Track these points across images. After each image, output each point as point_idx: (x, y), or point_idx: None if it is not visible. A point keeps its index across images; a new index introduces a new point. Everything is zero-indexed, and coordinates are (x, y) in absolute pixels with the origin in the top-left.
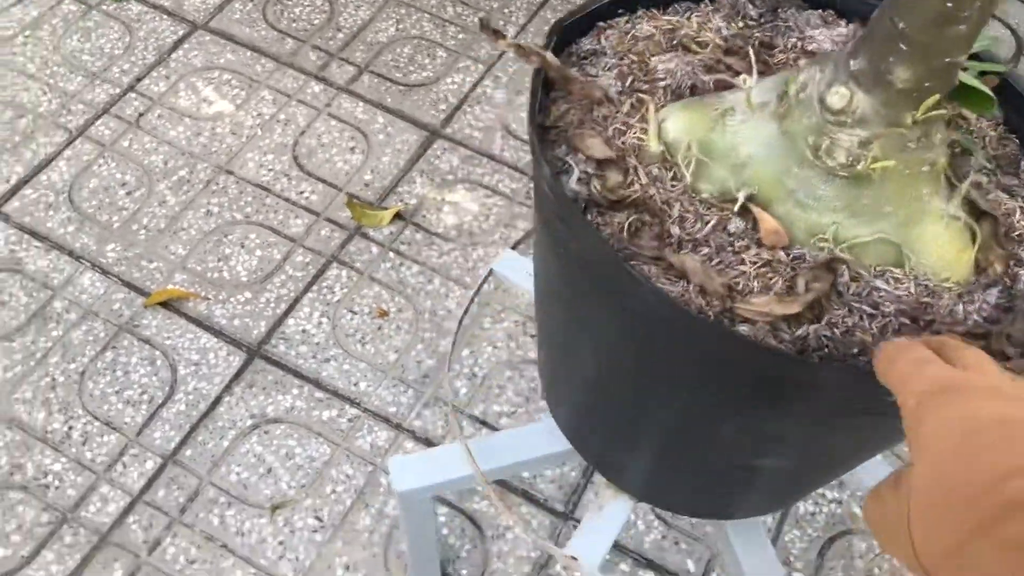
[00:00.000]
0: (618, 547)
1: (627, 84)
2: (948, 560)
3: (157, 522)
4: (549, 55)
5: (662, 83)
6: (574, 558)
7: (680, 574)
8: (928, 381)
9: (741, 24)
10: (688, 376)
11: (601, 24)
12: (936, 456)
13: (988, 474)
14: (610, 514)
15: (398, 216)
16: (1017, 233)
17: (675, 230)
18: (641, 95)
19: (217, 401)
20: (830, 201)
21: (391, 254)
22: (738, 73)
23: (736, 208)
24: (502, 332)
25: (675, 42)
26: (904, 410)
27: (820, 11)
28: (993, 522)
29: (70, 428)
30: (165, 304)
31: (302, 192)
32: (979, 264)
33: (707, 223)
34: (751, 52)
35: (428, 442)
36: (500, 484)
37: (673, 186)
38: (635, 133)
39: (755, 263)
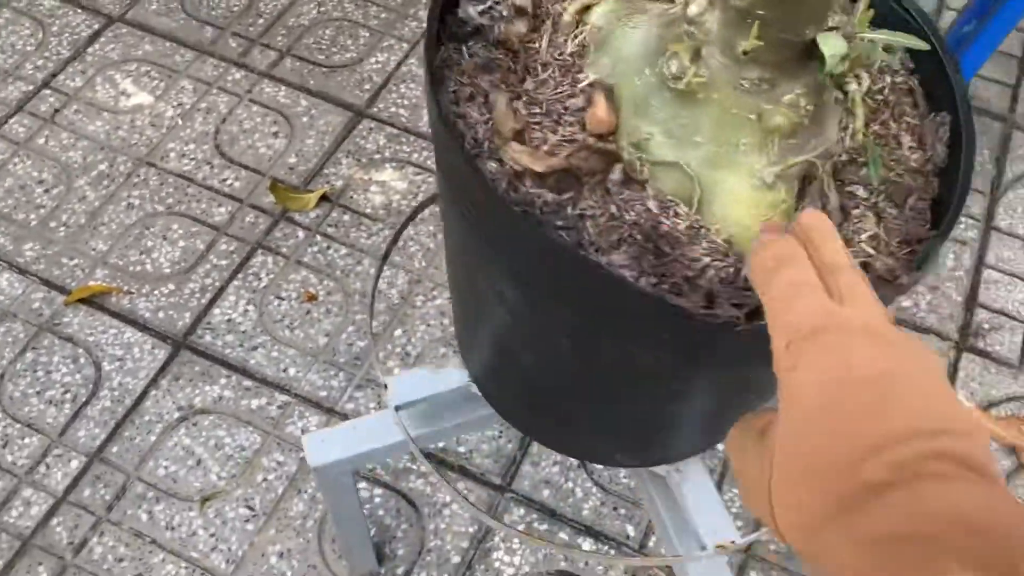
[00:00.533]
0: (556, 516)
1: None
2: (807, 543)
3: (83, 522)
4: None
5: None
6: (385, 385)
7: (619, 539)
8: (804, 316)
9: None
10: (481, 260)
11: None
12: (801, 416)
13: (848, 449)
14: (442, 376)
15: (324, 198)
16: (850, 251)
17: (528, 86)
18: None
19: (143, 395)
20: (655, 112)
21: (318, 237)
22: None
23: (581, 87)
24: (435, 309)
25: None
26: (775, 348)
27: None
28: (848, 510)
29: None
30: (87, 301)
31: (225, 180)
32: None
33: (555, 90)
34: None
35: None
36: (434, 460)
37: (559, 55)
38: (566, 4)
39: (564, 136)
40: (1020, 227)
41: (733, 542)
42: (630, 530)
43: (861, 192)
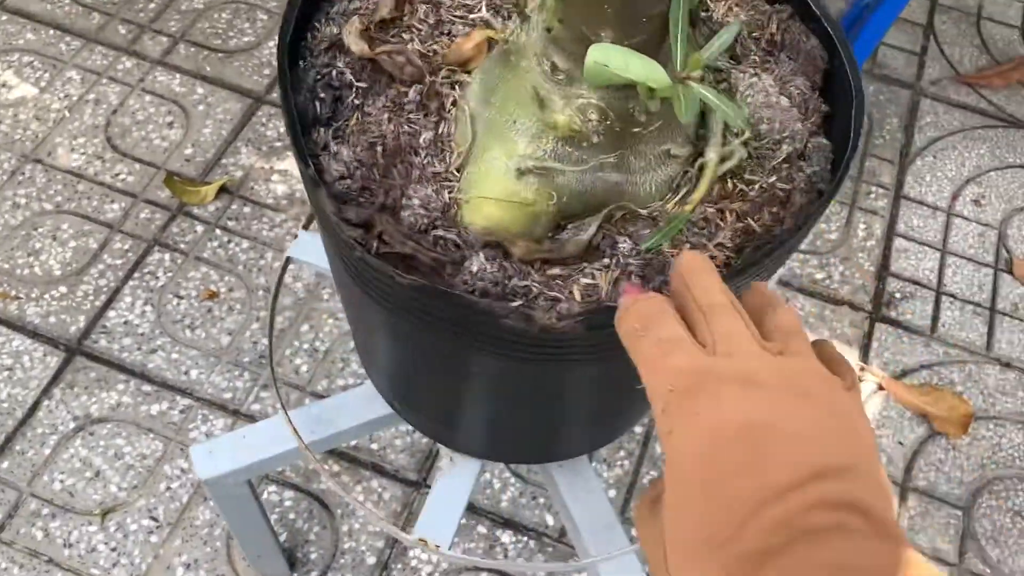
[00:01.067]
0: (474, 508)
1: None
2: None
3: None
4: None
5: None
6: (294, 236)
7: (539, 530)
8: (674, 376)
9: None
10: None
11: None
12: (680, 484)
13: (727, 515)
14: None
15: (224, 190)
16: (580, 270)
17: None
18: None
19: (35, 406)
20: (490, 62)
21: (218, 231)
22: None
23: (473, 19)
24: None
25: None
26: (655, 416)
27: None
28: None
29: None
30: None
31: (118, 174)
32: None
33: (460, 12)
34: None
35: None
36: (346, 459)
37: None
38: None
39: (422, 50)
40: (929, 195)
41: (438, 546)
42: (549, 520)
43: (624, 247)
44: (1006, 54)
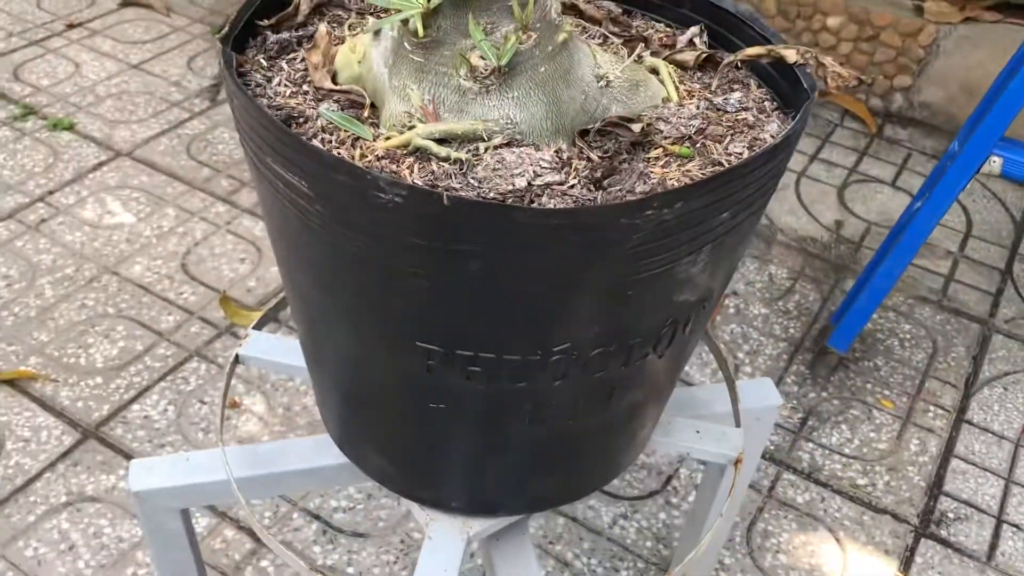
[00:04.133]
0: None
1: None
2: None
3: None
4: None
5: None
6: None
7: None
8: None
9: None
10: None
11: None
12: None
13: None
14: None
15: (274, 319)
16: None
17: None
18: None
19: (36, 477)
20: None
21: None
22: None
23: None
24: None
25: None
26: None
27: None
28: None
29: None
30: (12, 383)
31: (181, 293)
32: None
33: None
34: None
35: (251, 532)
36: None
37: None
38: None
39: None
40: (995, 423)
41: None
42: None
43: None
44: None
